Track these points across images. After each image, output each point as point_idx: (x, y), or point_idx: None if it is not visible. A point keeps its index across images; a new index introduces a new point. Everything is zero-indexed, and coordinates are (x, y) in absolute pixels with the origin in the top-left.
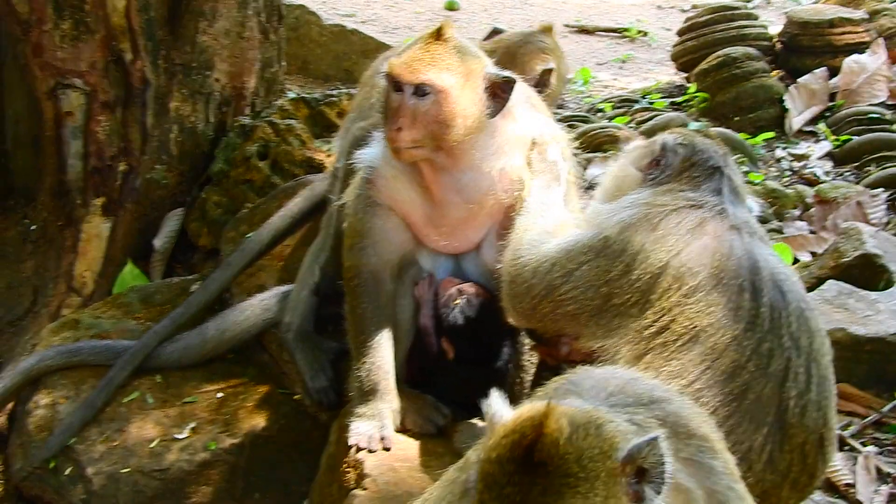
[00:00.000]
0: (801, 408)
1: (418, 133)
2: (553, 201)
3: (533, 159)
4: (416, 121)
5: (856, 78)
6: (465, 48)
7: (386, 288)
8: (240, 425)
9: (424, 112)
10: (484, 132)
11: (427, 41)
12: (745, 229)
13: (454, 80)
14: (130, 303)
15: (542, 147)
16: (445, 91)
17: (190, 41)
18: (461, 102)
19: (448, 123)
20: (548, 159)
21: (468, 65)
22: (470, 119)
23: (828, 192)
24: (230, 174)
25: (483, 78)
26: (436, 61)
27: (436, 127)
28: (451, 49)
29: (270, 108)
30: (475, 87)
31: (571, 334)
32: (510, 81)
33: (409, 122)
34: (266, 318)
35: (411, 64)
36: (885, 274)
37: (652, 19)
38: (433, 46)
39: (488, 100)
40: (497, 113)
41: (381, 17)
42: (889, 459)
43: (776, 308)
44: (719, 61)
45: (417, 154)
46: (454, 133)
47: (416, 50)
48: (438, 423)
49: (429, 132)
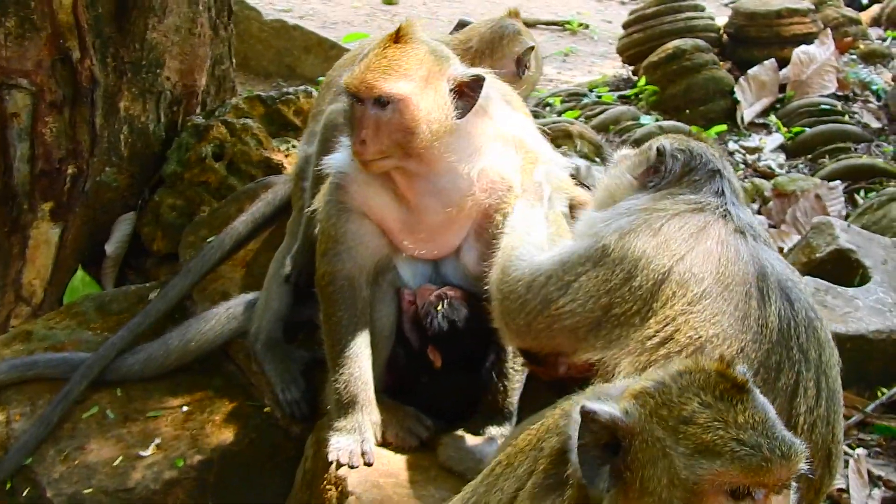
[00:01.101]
0: (810, 424)
1: (383, 144)
2: (538, 219)
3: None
4: (380, 132)
5: (805, 69)
6: (425, 49)
7: (362, 294)
8: (207, 440)
9: (387, 122)
10: (457, 133)
11: (385, 46)
12: (749, 232)
13: (414, 87)
14: (85, 312)
15: (528, 167)
16: (405, 99)
17: (139, 38)
18: (424, 108)
19: (413, 131)
20: (533, 179)
21: (429, 67)
22: (435, 123)
23: (785, 186)
24: (184, 176)
25: (448, 79)
26: (392, 69)
27: (400, 136)
28: (410, 52)
29: (224, 107)
30: (439, 90)
31: (568, 350)
32: (478, 79)
33: (373, 134)
34: (232, 328)
35: (367, 76)
36: (859, 269)
37: (592, 12)
38: (390, 51)
39: (456, 100)
40: (466, 113)
41: (318, 12)
42: (877, 461)
43: (784, 317)
44: (668, 53)
45: (386, 164)
46: (420, 139)
47: (373, 57)
48: (422, 435)
49: (394, 141)
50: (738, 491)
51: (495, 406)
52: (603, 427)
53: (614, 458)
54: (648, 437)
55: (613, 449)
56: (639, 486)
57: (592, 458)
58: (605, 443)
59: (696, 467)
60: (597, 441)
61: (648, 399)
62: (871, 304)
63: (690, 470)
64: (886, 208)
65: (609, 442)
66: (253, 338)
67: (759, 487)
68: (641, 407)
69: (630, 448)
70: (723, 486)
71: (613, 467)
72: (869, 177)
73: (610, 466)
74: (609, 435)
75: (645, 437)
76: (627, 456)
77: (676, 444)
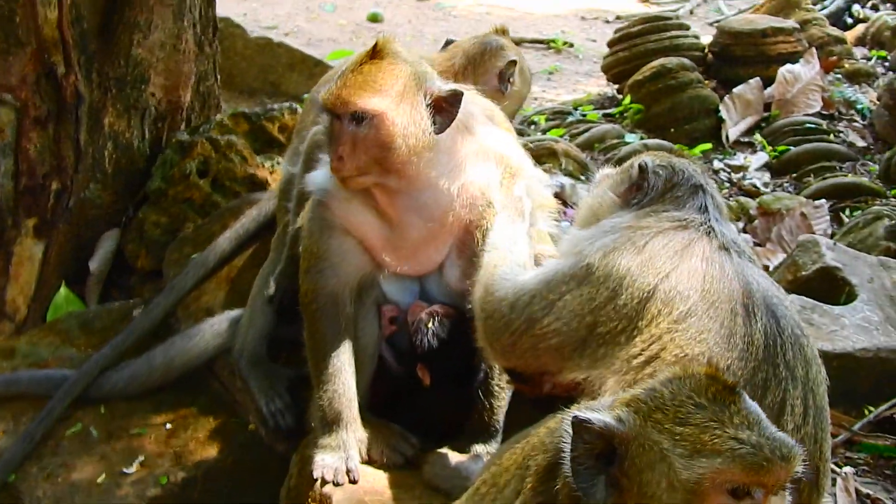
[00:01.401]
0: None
1: (360, 160)
2: (519, 236)
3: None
4: (357, 148)
5: (790, 88)
6: (402, 65)
7: (346, 311)
8: (192, 458)
9: (363, 138)
10: (437, 149)
11: (361, 62)
12: (734, 249)
13: (389, 102)
14: (69, 329)
15: (508, 182)
16: (381, 115)
17: (124, 54)
18: (400, 123)
19: (389, 146)
20: (513, 195)
21: (405, 82)
22: (412, 138)
23: (771, 204)
24: (168, 192)
25: (425, 93)
26: (368, 85)
27: (377, 152)
28: (386, 68)
29: (208, 124)
30: (415, 105)
31: (554, 369)
32: (455, 94)
33: (350, 151)
34: (217, 344)
35: (342, 92)
36: (846, 287)
37: (577, 31)
38: (366, 67)
39: (434, 115)
40: (446, 128)
41: (303, 30)
42: (865, 480)
43: (770, 335)
44: (653, 72)
45: (365, 181)
46: (398, 155)
47: (349, 74)
48: (407, 453)
49: (371, 158)
50: (738, 490)
51: (481, 424)
52: (597, 436)
53: (609, 468)
54: (645, 442)
55: (608, 458)
56: (637, 492)
57: (587, 470)
58: (598, 452)
59: (696, 467)
60: (590, 451)
61: (641, 405)
62: (858, 322)
63: (691, 470)
64: (872, 227)
65: (603, 451)
66: (237, 354)
67: (759, 487)
68: (635, 413)
69: (626, 455)
70: (723, 485)
71: (609, 476)
72: (854, 195)
73: (605, 476)
74: (603, 444)
75: (641, 442)
76: (624, 463)
77: (674, 447)
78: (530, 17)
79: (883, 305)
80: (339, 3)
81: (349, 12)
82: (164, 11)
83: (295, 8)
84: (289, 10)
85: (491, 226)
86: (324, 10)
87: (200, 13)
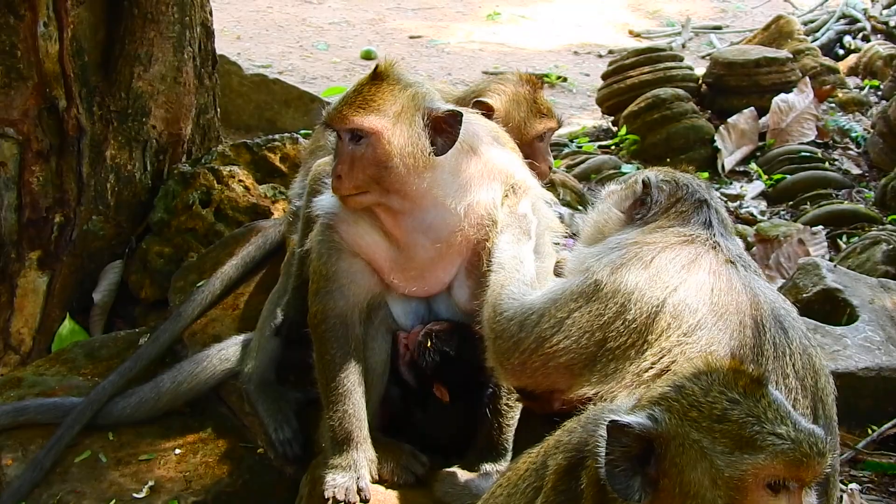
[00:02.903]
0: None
1: (358, 179)
2: (525, 255)
3: (501, 214)
4: (354, 166)
5: (784, 117)
6: (401, 86)
7: (355, 332)
8: (201, 482)
9: (361, 157)
10: (441, 169)
11: (362, 82)
12: (739, 262)
13: (386, 121)
14: (75, 358)
15: (513, 200)
16: (377, 133)
17: (125, 87)
18: (397, 143)
19: (386, 165)
20: (518, 213)
21: (403, 103)
22: (410, 158)
23: (768, 231)
24: (171, 223)
25: (424, 114)
26: (366, 103)
27: (374, 171)
28: (385, 88)
29: (210, 155)
30: (413, 125)
31: (564, 387)
32: (454, 114)
33: (348, 169)
34: (224, 369)
35: (341, 109)
36: (847, 308)
37: (570, 65)
38: (366, 88)
39: (435, 136)
40: (448, 149)
41: (297, 68)
42: (870, 497)
43: (779, 346)
44: (648, 103)
45: (365, 200)
46: (396, 174)
47: (350, 93)
48: (417, 471)
49: (368, 176)
50: (776, 484)
51: (491, 442)
52: (636, 438)
53: (645, 468)
54: (684, 441)
55: (644, 458)
56: (678, 491)
57: (623, 472)
58: (635, 454)
59: (739, 463)
60: (627, 454)
61: (673, 403)
62: (860, 342)
63: (734, 467)
64: (870, 252)
65: (639, 452)
66: (246, 379)
67: (796, 480)
68: (668, 412)
69: (665, 455)
70: (764, 480)
71: (646, 476)
72: (851, 222)
73: (642, 476)
74: (641, 445)
75: (680, 441)
76: (663, 462)
77: (714, 444)
78: (523, 52)
79: (884, 325)
80: (332, 42)
81: (343, 50)
82: (165, 44)
83: (288, 47)
84: (282, 49)
85: (496, 245)
86: (317, 48)
87: (200, 46)
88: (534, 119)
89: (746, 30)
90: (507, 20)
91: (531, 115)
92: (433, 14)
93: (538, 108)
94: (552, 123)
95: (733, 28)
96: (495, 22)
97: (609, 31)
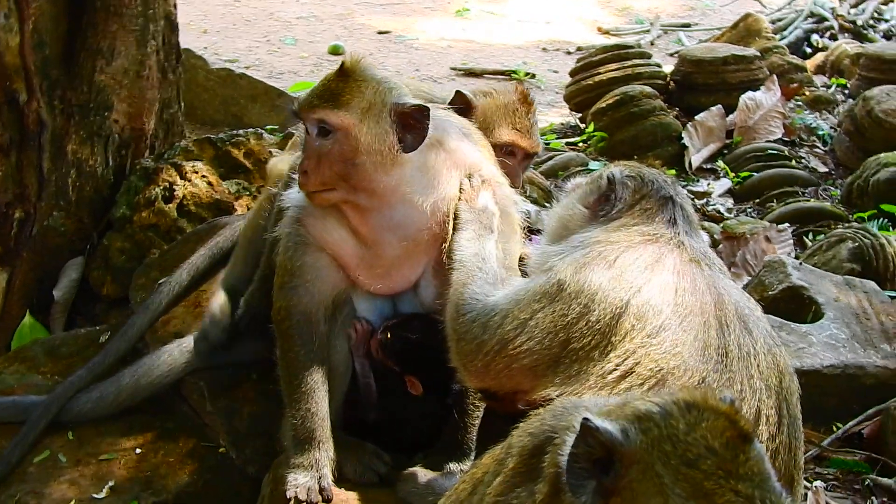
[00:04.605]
0: (772, 451)
1: (325, 175)
2: (488, 252)
3: (460, 208)
4: (321, 162)
5: (752, 115)
6: (368, 81)
7: (319, 330)
8: (162, 482)
9: (328, 153)
10: (410, 166)
11: (329, 77)
12: (704, 261)
13: (353, 117)
14: (35, 356)
15: (470, 194)
16: (345, 129)
17: (87, 81)
18: (364, 139)
19: (353, 161)
20: (476, 207)
21: (370, 98)
22: (377, 155)
23: (735, 228)
24: (133, 219)
25: (391, 110)
26: (334, 98)
27: (341, 167)
28: (352, 84)
29: (173, 150)
30: (380, 121)
31: (528, 388)
32: (422, 109)
33: (315, 165)
34: (185, 362)
35: (311, 100)
36: (812, 306)
37: (538, 62)
38: (334, 83)
39: (401, 132)
40: (418, 145)
41: (264, 63)
42: (835, 494)
43: (744, 346)
44: (616, 100)
45: (332, 197)
46: (363, 171)
47: (319, 87)
48: (380, 471)
49: (335, 173)
50: None
51: (454, 441)
52: (601, 445)
53: (603, 477)
54: (647, 470)
55: (604, 466)
56: None
57: (581, 469)
58: (597, 458)
59: None
60: (590, 455)
61: (653, 427)
62: (825, 339)
63: None
64: (835, 249)
65: (601, 459)
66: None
67: None
68: (644, 434)
69: (625, 473)
70: None
71: (600, 484)
72: (817, 220)
73: (597, 483)
74: (604, 453)
75: (643, 468)
76: (620, 480)
77: (675, 485)
78: (491, 48)
79: (849, 323)
80: (299, 37)
81: (310, 45)
82: (127, 38)
83: (255, 41)
84: (249, 43)
85: (456, 241)
86: (284, 43)
87: (164, 40)
88: (504, 128)
89: (715, 28)
90: (476, 16)
91: (504, 123)
92: (401, 9)
93: (515, 121)
94: (523, 141)
95: (702, 26)
96: (464, 18)
97: (578, 28)
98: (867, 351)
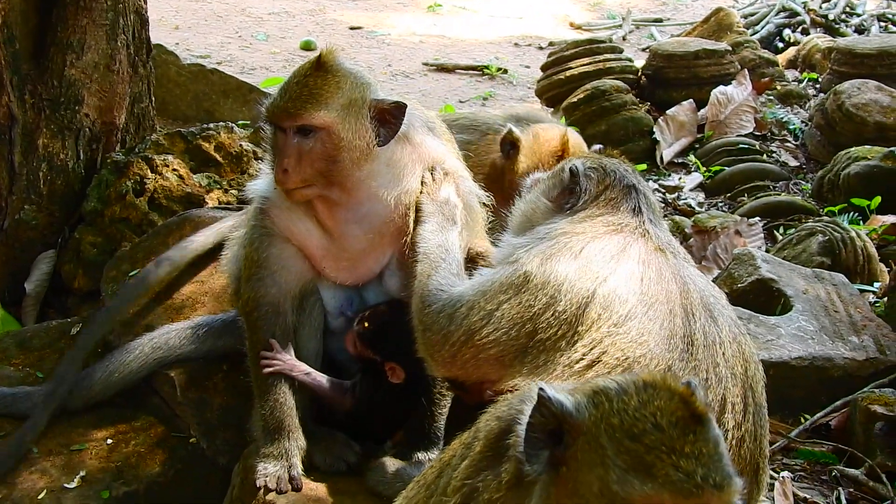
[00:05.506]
0: (738, 438)
1: (305, 173)
2: (451, 243)
3: (422, 200)
4: (302, 161)
5: (723, 109)
6: (346, 77)
7: (287, 320)
8: (133, 472)
9: (309, 151)
10: (378, 160)
11: (306, 73)
12: (669, 250)
13: (335, 116)
14: (6, 348)
15: (432, 186)
16: (328, 128)
17: (57, 75)
18: (346, 136)
19: (335, 159)
20: (438, 199)
21: (350, 95)
22: (357, 151)
23: (706, 222)
24: (105, 212)
25: (370, 106)
26: (314, 97)
27: (322, 165)
28: (331, 81)
29: (144, 143)
30: (360, 118)
31: (495, 378)
32: (399, 106)
33: (295, 163)
34: (157, 357)
35: (288, 105)
36: (781, 298)
37: (510, 57)
38: (311, 80)
39: (378, 127)
40: (390, 139)
41: (236, 58)
42: (802, 485)
43: (709, 334)
44: (588, 94)
45: (309, 193)
46: (342, 168)
47: (294, 86)
48: (349, 460)
49: (316, 170)
50: None
51: (422, 431)
52: (553, 415)
53: (556, 447)
54: (592, 441)
55: (557, 438)
56: (571, 486)
57: (536, 439)
58: (551, 429)
59: (629, 484)
60: (544, 425)
61: (605, 402)
62: (793, 331)
63: (622, 486)
64: (805, 243)
65: (555, 430)
66: None
67: None
68: (595, 408)
69: (573, 444)
70: None
71: (552, 455)
72: (787, 214)
73: (549, 453)
74: (556, 423)
75: (589, 439)
76: (568, 451)
77: (616, 457)
78: (463, 43)
79: (818, 315)
80: (271, 32)
81: (282, 41)
82: (98, 32)
83: (227, 37)
84: (221, 39)
85: (420, 234)
86: (256, 38)
87: (134, 34)
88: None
89: (687, 23)
90: (448, 11)
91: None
92: (373, 4)
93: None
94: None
95: (674, 21)
96: (436, 13)
97: (550, 23)
98: (835, 343)
